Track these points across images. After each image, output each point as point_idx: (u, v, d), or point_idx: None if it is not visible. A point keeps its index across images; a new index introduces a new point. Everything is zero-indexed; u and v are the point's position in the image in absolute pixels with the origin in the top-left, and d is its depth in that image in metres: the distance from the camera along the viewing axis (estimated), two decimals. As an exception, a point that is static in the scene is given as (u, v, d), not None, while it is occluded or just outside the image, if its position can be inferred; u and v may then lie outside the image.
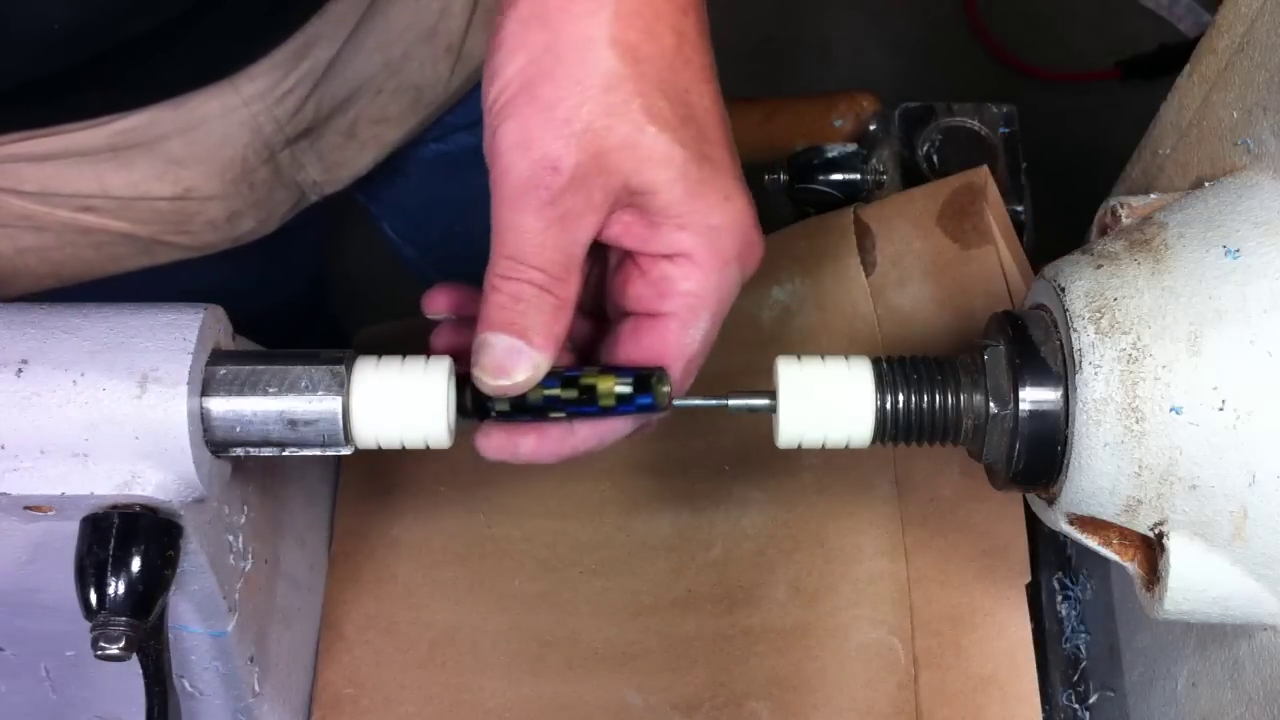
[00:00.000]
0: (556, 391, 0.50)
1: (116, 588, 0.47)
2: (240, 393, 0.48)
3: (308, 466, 0.71)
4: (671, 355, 0.51)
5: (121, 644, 0.47)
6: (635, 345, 0.51)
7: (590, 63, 0.47)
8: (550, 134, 0.47)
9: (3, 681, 0.60)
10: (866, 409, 0.49)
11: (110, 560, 0.47)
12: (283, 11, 0.73)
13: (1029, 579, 0.67)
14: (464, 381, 0.51)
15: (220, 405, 0.48)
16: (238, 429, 0.48)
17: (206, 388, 0.48)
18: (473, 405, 0.51)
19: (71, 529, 0.48)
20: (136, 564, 0.47)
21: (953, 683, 0.65)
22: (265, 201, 0.81)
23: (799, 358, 0.51)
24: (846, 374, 0.50)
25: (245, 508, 0.57)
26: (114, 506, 0.48)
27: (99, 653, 0.47)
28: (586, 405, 0.50)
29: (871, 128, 0.91)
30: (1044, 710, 0.66)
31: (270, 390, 0.48)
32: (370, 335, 0.79)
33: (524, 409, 0.50)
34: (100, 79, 0.69)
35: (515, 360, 0.48)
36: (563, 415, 0.51)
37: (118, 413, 0.46)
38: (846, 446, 0.50)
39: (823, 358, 0.50)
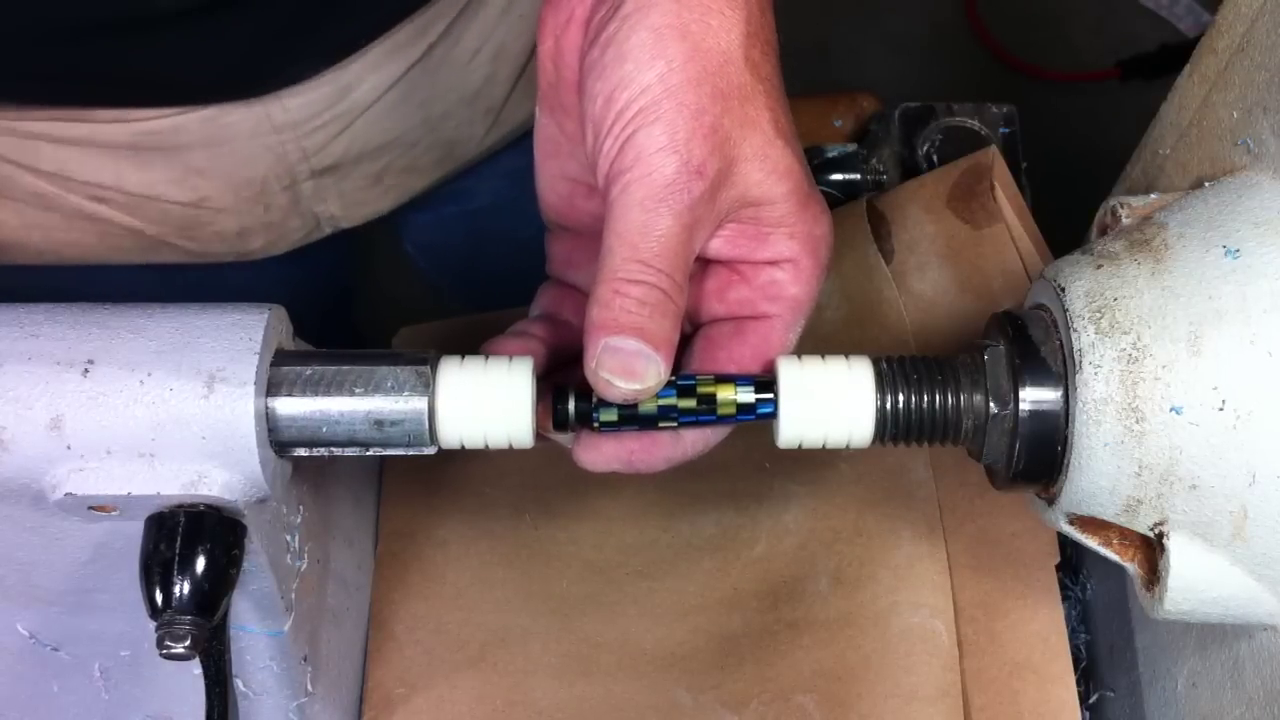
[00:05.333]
0: (673, 400, 0.49)
1: (182, 587, 0.47)
2: (327, 393, 0.48)
3: (354, 467, 0.71)
4: (775, 355, 0.52)
5: (187, 643, 0.47)
6: (742, 344, 0.52)
7: (730, 76, 0.48)
8: (698, 140, 0.47)
9: (55, 681, 0.59)
10: (867, 409, 0.49)
11: (177, 559, 0.47)
12: (311, 34, 0.73)
13: (1058, 559, 0.67)
14: (562, 393, 0.50)
15: (303, 405, 0.48)
16: (324, 429, 0.48)
17: (274, 387, 0.48)
18: (575, 416, 0.50)
19: (133, 529, 0.48)
20: (202, 563, 0.47)
21: (988, 669, 0.66)
22: (278, 225, 0.82)
23: (799, 358, 0.51)
24: (847, 374, 0.50)
25: (300, 507, 0.57)
26: (179, 506, 0.48)
27: (164, 652, 0.47)
28: (704, 415, 0.50)
29: (872, 128, 0.91)
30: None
31: (357, 390, 0.48)
32: (411, 335, 0.79)
33: (635, 419, 0.49)
34: (127, 70, 0.69)
35: (644, 365, 0.47)
36: (674, 425, 0.50)
37: (185, 413, 0.46)
38: (847, 447, 0.50)
39: (823, 358, 0.50)
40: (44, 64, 0.67)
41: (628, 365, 0.47)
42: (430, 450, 0.49)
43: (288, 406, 0.48)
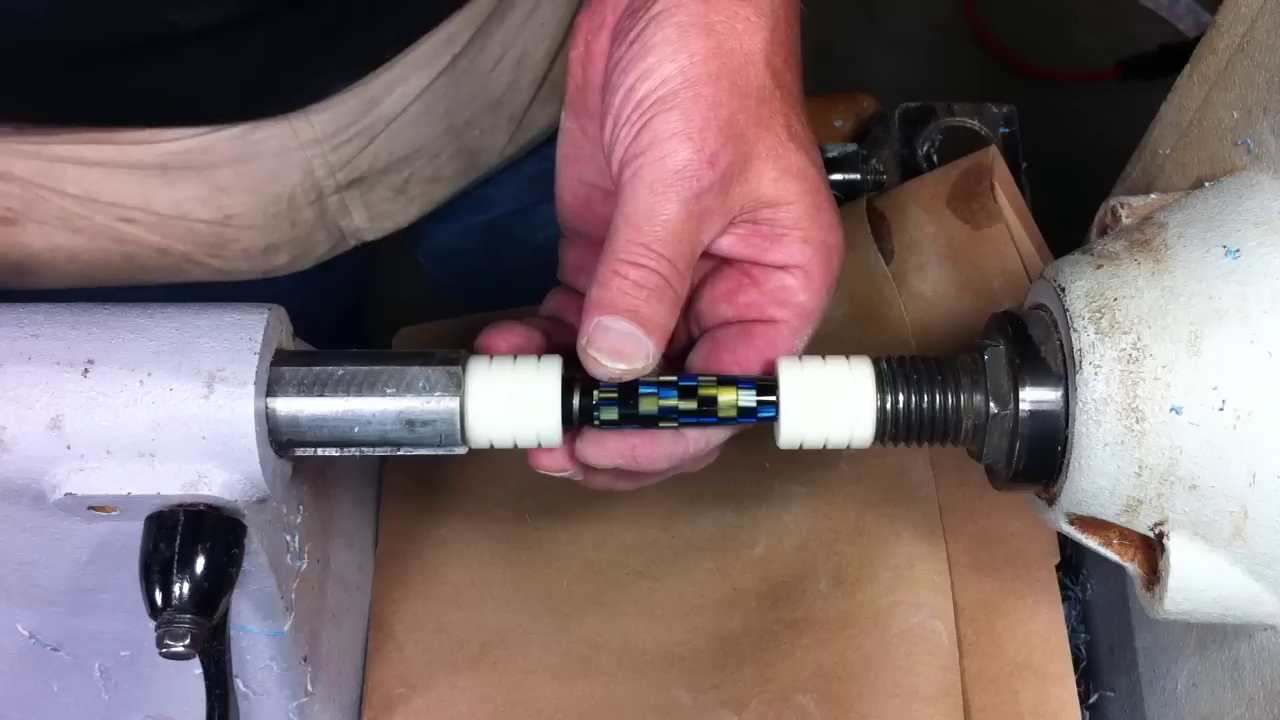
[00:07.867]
0: (674, 402, 0.49)
1: (182, 586, 0.47)
2: (360, 393, 0.48)
3: (354, 468, 0.71)
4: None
5: (187, 641, 0.47)
6: (748, 347, 0.52)
7: (750, 76, 0.49)
8: (713, 130, 0.47)
9: (56, 681, 0.60)
10: (867, 409, 0.49)
11: (176, 558, 0.47)
12: (335, 48, 0.73)
13: (1058, 559, 0.67)
14: (566, 387, 0.50)
15: (334, 405, 0.48)
16: (356, 429, 0.48)
17: (273, 387, 0.48)
18: (579, 413, 0.50)
19: (133, 529, 0.48)
20: (202, 562, 0.47)
21: (989, 669, 0.66)
22: (304, 240, 0.82)
23: (800, 358, 0.51)
24: (847, 374, 0.50)
25: (300, 507, 0.58)
26: (179, 505, 0.48)
27: (164, 651, 0.47)
28: (705, 417, 0.50)
29: (872, 128, 0.91)
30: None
31: (389, 390, 0.48)
32: (411, 336, 0.79)
33: (635, 419, 0.50)
34: (151, 91, 0.69)
35: (634, 347, 0.48)
36: (674, 425, 0.50)
37: (185, 412, 0.46)
38: (848, 447, 0.50)
39: (823, 358, 0.50)
40: (67, 87, 0.67)
41: (617, 346, 0.48)
42: (460, 450, 0.49)
43: (314, 407, 0.48)
